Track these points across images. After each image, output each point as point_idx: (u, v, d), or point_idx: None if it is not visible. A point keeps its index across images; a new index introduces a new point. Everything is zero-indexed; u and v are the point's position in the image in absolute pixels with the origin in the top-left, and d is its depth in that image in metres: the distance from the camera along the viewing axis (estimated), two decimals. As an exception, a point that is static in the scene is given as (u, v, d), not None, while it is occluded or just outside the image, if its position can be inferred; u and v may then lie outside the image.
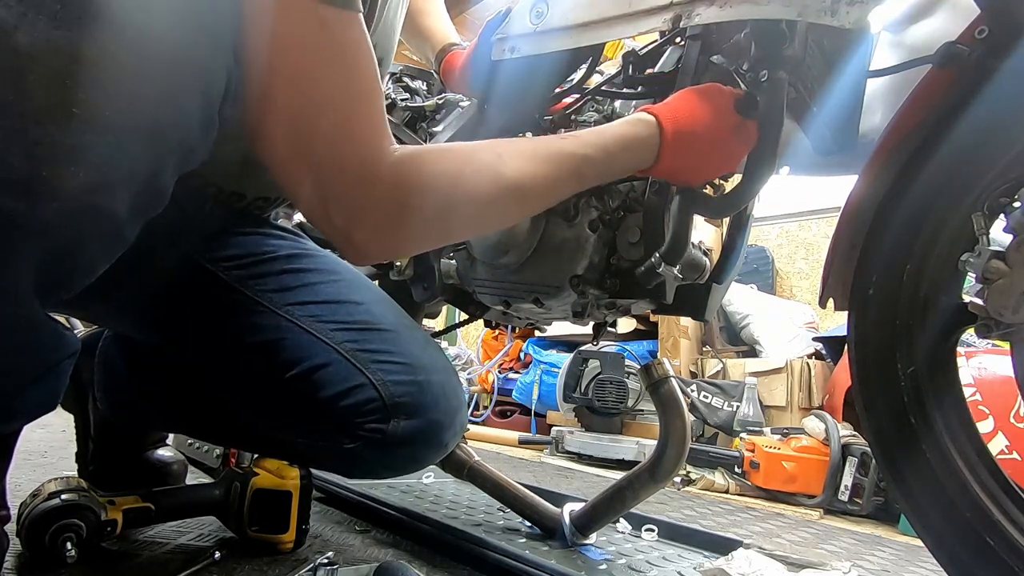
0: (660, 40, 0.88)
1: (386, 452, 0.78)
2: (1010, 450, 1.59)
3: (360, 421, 0.77)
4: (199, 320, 0.82)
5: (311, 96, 0.56)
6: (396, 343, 0.82)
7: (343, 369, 0.78)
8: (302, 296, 0.81)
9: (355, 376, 0.77)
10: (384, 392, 0.77)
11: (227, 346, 0.82)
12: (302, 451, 0.84)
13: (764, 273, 3.19)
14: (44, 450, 1.51)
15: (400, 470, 0.85)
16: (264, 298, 0.80)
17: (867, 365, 0.67)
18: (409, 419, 0.77)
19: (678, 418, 0.91)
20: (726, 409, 2.35)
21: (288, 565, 0.84)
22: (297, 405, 0.79)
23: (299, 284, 0.82)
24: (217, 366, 0.84)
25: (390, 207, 0.60)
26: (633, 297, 0.84)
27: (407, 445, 0.79)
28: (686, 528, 1.12)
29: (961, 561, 0.61)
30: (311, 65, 0.55)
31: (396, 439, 0.77)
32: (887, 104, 0.77)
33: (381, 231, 0.62)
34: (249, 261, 0.82)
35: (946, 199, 0.61)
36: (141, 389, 0.96)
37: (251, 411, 0.84)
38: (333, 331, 0.79)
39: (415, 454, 0.81)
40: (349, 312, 0.82)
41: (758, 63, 0.73)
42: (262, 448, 0.97)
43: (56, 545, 0.71)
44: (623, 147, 0.71)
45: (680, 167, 0.74)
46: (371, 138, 0.59)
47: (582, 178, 0.70)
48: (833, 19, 0.63)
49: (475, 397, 3.59)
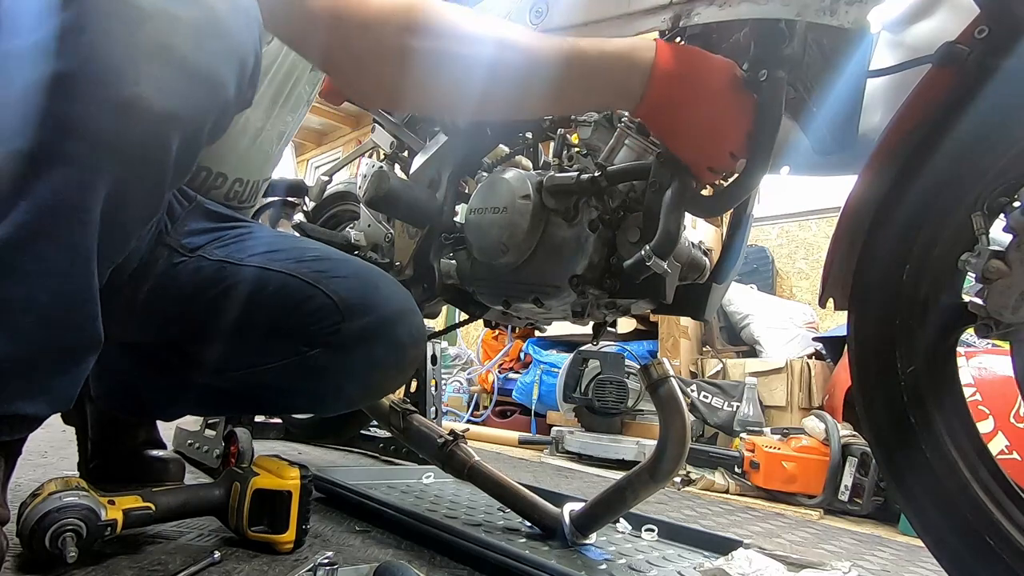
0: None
1: (344, 354, 0.85)
2: (1010, 450, 1.59)
3: (316, 328, 0.85)
4: (180, 303, 0.90)
5: None
6: (347, 265, 0.92)
7: (296, 286, 0.86)
8: (259, 249, 0.91)
9: (308, 289, 0.86)
10: (335, 297, 0.85)
11: (199, 305, 0.90)
12: (274, 383, 0.89)
13: (764, 273, 3.19)
14: (44, 450, 1.51)
15: (366, 379, 0.89)
16: (228, 257, 0.90)
17: (867, 365, 0.67)
18: (361, 318, 0.85)
19: (678, 418, 0.90)
20: (726, 409, 2.35)
21: (288, 565, 0.84)
22: (259, 329, 0.88)
23: (258, 243, 0.92)
24: (194, 331, 0.92)
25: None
26: (633, 297, 0.84)
27: (363, 343, 0.85)
28: (686, 528, 1.11)
29: (961, 561, 0.61)
30: None
31: (351, 337, 0.84)
32: (887, 104, 0.77)
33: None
34: (212, 243, 0.92)
35: (946, 199, 0.61)
36: (130, 370, 1.02)
37: (224, 354, 0.90)
38: (287, 263, 0.89)
39: (372, 354, 0.87)
40: (302, 251, 0.92)
41: (757, 62, 0.73)
42: (241, 403, 1.01)
43: (56, 545, 0.71)
44: (617, 56, 0.69)
45: (667, 116, 0.72)
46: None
47: (571, 67, 0.69)
48: (832, 18, 0.63)
49: (475, 397, 3.60)
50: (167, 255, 0.88)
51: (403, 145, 1.37)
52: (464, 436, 1.15)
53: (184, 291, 0.89)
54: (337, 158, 4.17)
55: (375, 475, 1.46)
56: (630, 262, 0.76)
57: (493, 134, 1.05)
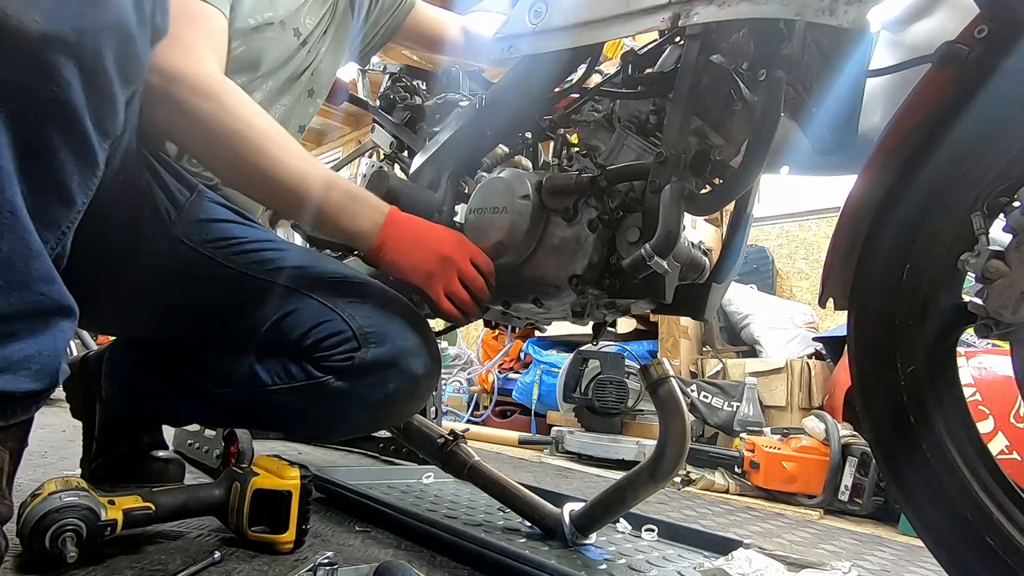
0: (659, 39, 0.88)
1: (357, 380, 0.85)
2: (1010, 450, 1.59)
3: (331, 352, 0.85)
4: (191, 297, 0.90)
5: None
6: (366, 290, 0.92)
7: (315, 309, 0.87)
8: (281, 264, 0.91)
9: (326, 313, 0.87)
10: (352, 324, 0.86)
11: (214, 315, 0.91)
12: (284, 404, 0.89)
13: (764, 273, 3.19)
14: (44, 450, 1.51)
15: (376, 409, 0.88)
16: (248, 269, 0.90)
17: (867, 365, 0.67)
18: (378, 346, 0.85)
19: (678, 418, 0.90)
20: (726, 409, 2.35)
21: (288, 565, 0.84)
22: (274, 349, 0.88)
23: (279, 257, 0.92)
24: (206, 335, 0.94)
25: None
26: (632, 297, 0.84)
27: (376, 371, 0.85)
28: (686, 528, 1.11)
29: (961, 561, 0.61)
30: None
31: (365, 365, 0.84)
32: (886, 104, 0.77)
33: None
34: (229, 243, 0.91)
35: (946, 199, 0.61)
36: (141, 375, 1.03)
37: (234, 366, 0.90)
38: (305, 283, 0.89)
39: (386, 382, 0.86)
40: (323, 271, 0.93)
41: (756, 62, 0.73)
42: (249, 418, 1.00)
43: (56, 545, 0.71)
44: (364, 199, 0.87)
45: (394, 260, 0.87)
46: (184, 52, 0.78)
47: (327, 190, 0.84)
48: (831, 18, 0.63)
49: (475, 397, 3.59)
50: (175, 246, 0.87)
51: (403, 145, 1.37)
52: (464, 436, 1.15)
53: (201, 290, 0.89)
54: (337, 158, 4.17)
55: (375, 475, 1.46)
56: (629, 261, 0.76)
57: (493, 135, 1.05)
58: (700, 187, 0.88)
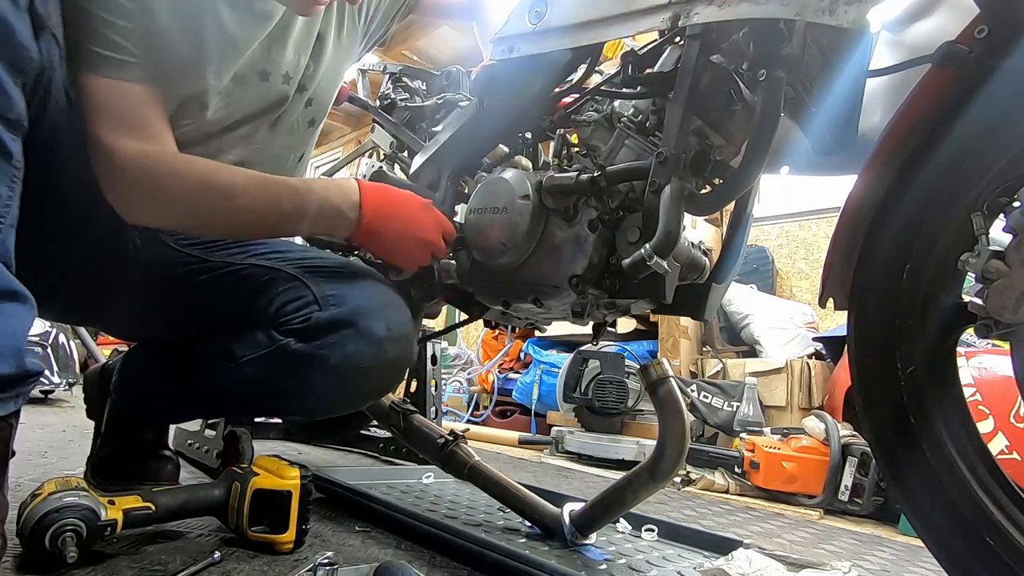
0: (659, 40, 0.88)
1: (315, 341, 0.85)
2: (1010, 450, 1.59)
3: (292, 316, 0.87)
4: (179, 294, 0.94)
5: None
6: (342, 265, 0.95)
7: (282, 278, 0.91)
8: (261, 251, 0.95)
9: (291, 281, 0.90)
10: (315, 289, 0.88)
11: (202, 307, 0.95)
12: (254, 376, 0.90)
13: (764, 273, 3.19)
14: (44, 450, 1.51)
15: (340, 375, 0.87)
16: (231, 258, 0.94)
17: (867, 365, 0.67)
18: (336, 307, 0.86)
19: (677, 418, 0.90)
20: (726, 409, 2.35)
21: (288, 565, 0.84)
22: (247, 322, 0.90)
23: (261, 247, 0.96)
24: (196, 329, 0.97)
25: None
26: (632, 297, 0.84)
27: (333, 330, 0.86)
28: (686, 528, 1.11)
29: (961, 561, 0.61)
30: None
31: (321, 324, 0.86)
32: (886, 104, 0.77)
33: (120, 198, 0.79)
34: (210, 241, 0.95)
35: (946, 199, 0.61)
36: (146, 372, 1.08)
37: (214, 342, 0.93)
38: (279, 261, 0.93)
39: (344, 342, 0.86)
40: (304, 254, 0.96)
41: (756, 62, 0.73)
42: (228, 398, 1.00)
43: (56, 545, 0.71)
44: (336, 189, 0.88)
45: (376, 235, 0.90)
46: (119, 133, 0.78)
47: (297, 203, 0.85)
48: (831, 18, 0.63)
49: (475, 397, 3.59)
50: (160, 248, 0.91)
51: (403, 145, 1.38)
52: (464, 436, 1.15)
53: (182, 284, 0.92)
54: (337, 158, 4.17)
55: (375, 475, 1.46)
56: (630, 262, 0.76)
57: (494, 136, 1.05)
58: (700, 187, 0.88)
